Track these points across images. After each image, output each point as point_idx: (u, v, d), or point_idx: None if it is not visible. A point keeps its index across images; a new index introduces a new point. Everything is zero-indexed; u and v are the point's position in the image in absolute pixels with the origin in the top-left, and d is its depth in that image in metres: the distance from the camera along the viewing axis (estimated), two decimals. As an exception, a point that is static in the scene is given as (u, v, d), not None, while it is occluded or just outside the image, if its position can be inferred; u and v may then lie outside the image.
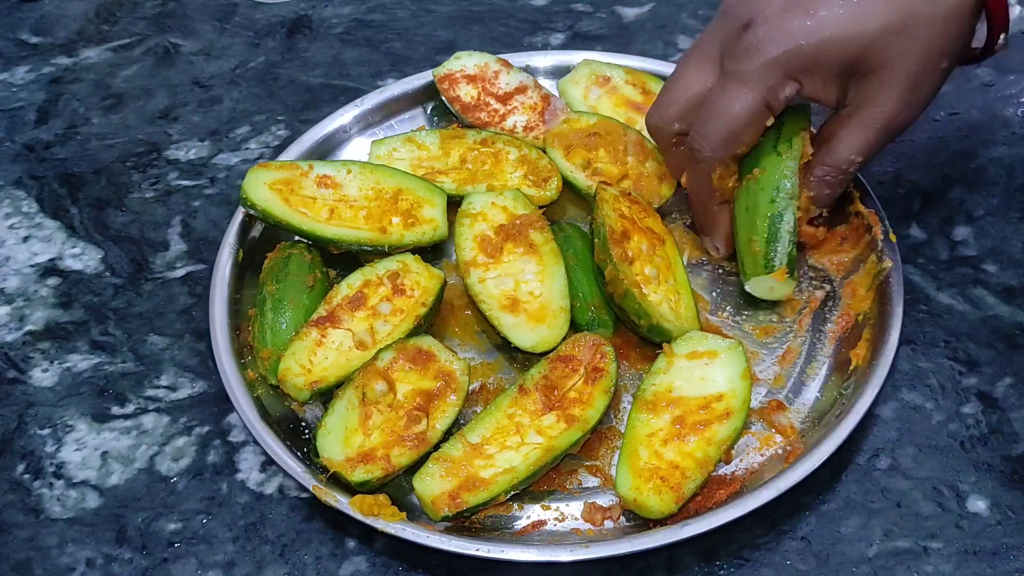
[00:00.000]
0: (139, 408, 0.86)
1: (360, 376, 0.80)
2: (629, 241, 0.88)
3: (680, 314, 0.85)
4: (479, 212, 0.91)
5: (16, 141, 1.11)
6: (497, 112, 1.02)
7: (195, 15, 1.27)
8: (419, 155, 0.98)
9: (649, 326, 0.83)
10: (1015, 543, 0.75)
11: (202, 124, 1.12)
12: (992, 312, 0.90)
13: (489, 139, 0.99)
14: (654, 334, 0.83)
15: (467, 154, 0.98)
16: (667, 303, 0.85)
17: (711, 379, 0.80)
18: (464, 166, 0.98)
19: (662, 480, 0.74)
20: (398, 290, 0.86)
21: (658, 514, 0.73)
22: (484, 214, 0.91)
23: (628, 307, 0.83)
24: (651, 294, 0.85)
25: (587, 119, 0.99)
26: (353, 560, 0.76)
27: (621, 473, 0.75)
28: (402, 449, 0.77)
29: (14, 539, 0.78)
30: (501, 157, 0.98)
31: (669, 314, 0.84)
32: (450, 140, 0.99)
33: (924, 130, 1.06)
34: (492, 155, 0.98)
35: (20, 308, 0.94)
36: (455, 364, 0.82)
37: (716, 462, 0.76)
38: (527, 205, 0.92)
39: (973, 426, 0.82)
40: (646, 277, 0.86)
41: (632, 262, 0.86)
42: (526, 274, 0.88)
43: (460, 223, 0.91)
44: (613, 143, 0.97)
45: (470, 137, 0.99)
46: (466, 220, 0.91)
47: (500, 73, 1.04)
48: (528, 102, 1.03)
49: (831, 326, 0.87)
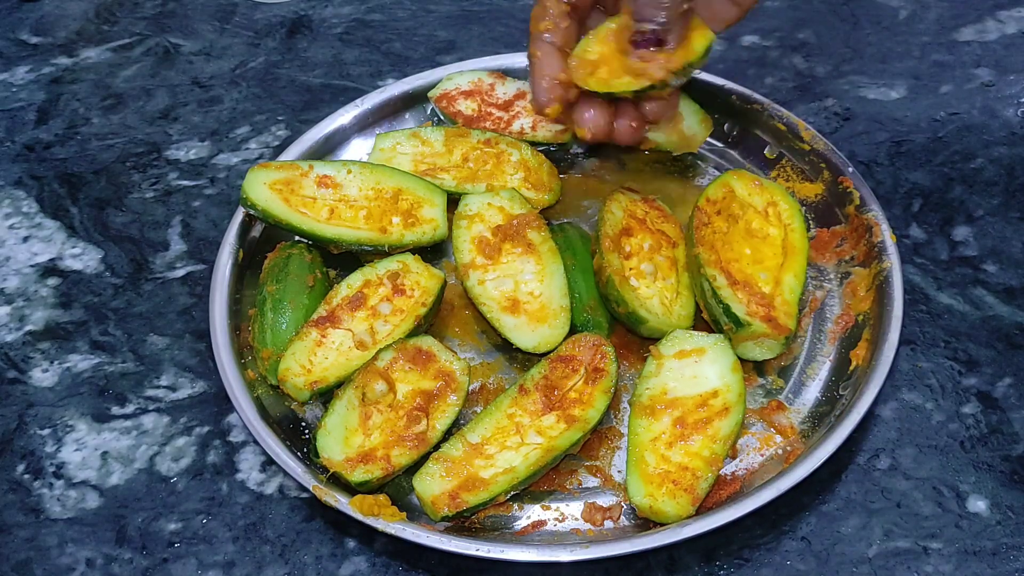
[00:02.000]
0: (139, 408, 0.86)
1: (360, 376, 0.80)
2: (630, 237, 0.89)
3: (672, 311, 0.86)
4: (476, 213, 0.91)
5: (16, 141, 1.11)
6: (502, 119, 1.02)
7: (195, 15, 1.27)
8: (422, 151, 0.99)
9: (626, 313, 0.84)
10: (1015, 543, 0.75)
11: (202, 124, 1.12)
12: (992, 312, 0.90)
13: (493, 140, 0.99)
14: (632, 322, 0.84)
15: (470, 153, 0.98)
16: (659, 299, 0.86)
17: (703, 376, 0.80)
18: (466, 164, 0.98)
19: (674, 484, 0.74)
20: (398, 290, 0.86)
21: (676, 518, 0.73)
22: (481, 215, 0.91)
23: (610, 294, 0.84)
24: (641, 287, 0.86)
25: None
26: (353, 560, 0.76)
27: (632, 482, 0.75)
28: (402, 449, 0.77)
29: (14, 539, 0.78)
30: (503, 158, 0.98)
31: (656, 308, 0.85)
32: (454, 138, 0.99)
33: (924, 130, 1.06)
34: (494, 155, 0.98)
35: (20, 308, 0.94)
36: (455, 364, 0.82)
37: (724, 458, 0.76)
38: (524, 204, 0.92)
39: (973, 426, 0.82)
40: (640, 272, 0.87)
41: (628, 256, 0.87)
42: (525, 274, 0.88)
43: (457, 225, 0.91)
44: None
45: (474, 136, 0.99)
46: (463, 222, 0.91)
47: (496, 84, 1.04)
48: (531, 105, 1.03)
49: (831, 326, 0.87)
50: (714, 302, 0.82)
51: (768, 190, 0.90)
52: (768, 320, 0.81)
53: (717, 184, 0.90)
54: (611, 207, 0.89)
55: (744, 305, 0.82)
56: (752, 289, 0.83)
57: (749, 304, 0.82)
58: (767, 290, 0.84)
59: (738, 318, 0.81)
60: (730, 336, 0.82)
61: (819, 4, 1.23)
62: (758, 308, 0.82)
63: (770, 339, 0.82)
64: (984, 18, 1.19)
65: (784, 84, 1.12)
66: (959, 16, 1.20)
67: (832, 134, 1.05)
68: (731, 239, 0.87)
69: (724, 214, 0.89)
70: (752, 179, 0.91)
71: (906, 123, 1.07)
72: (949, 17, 1.20)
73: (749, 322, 0.80)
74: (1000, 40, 1.16)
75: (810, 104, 1.09)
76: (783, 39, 1.18)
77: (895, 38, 1.17)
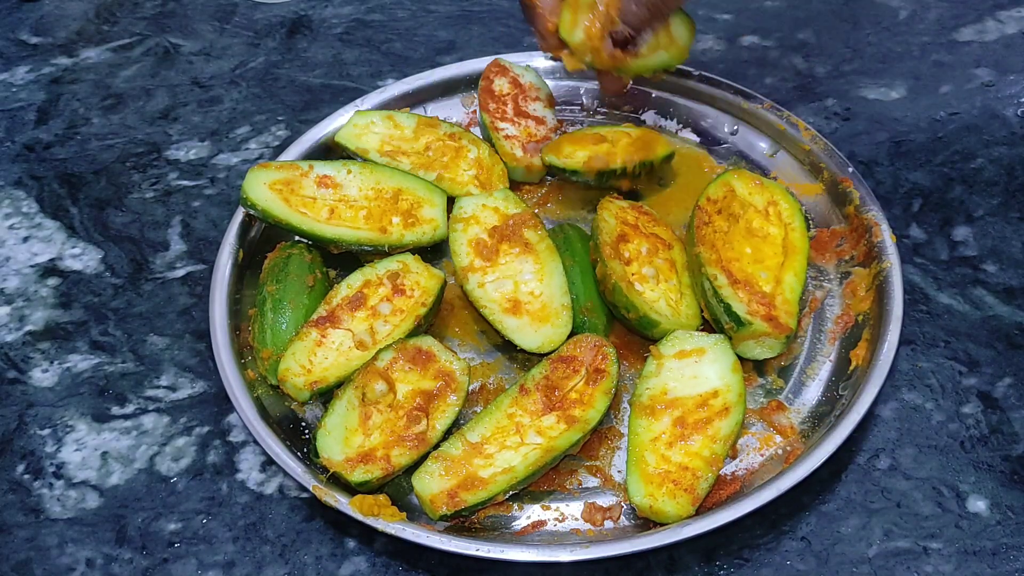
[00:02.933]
0: (139, 408, 0.86)
1: (360, 376, 0.80)
2: (627, 243, 0.89)
3: (679, 311, 0.86)
4: (471, 216, 0.91)
5: (16, 141, 1.11)
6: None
7: (195, 15, 1.27)
8: (392, 133, 1.00)
9: (637, 318, 0.83)
10: (1015, 543, 0.75)
11: (202, 124, 1.12)
12: (992, 312, 0.90)
13: (458, 134, 1.00)
14: (644, 326, 0.84)
15: (433, 143, 1.00)
16: (665, 300, 0.86)
17: (703, 376, 0.80)
18: (426, 152, 0.99)
19: (674, 484, 0.74)
20: (398, 290, 0.86)
21: (676, 518, 0.73)
22: (476, 217, 0.91)
23: (618, 301, 0.84)
24: (646, 291, 0.86)
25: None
26: (353, 560, 0.76)
27: (632, 482, 0.75)
28: (402, 449, 0.77)
29: (14, 539, 0.78)
30: (461, 153, 0.99)
31: (664, 310, 0.85)
32: (424, 127, 1.01)
33: (924, 130, 1.06)
34: (454, 149, 0.99)
35: (20, 308, 0.94)
36: (455, 364, 0.82)
37: (724, 458, 0.76)
38: (518, 203, 0.92)
39: (973, 426, 0.82)
40: (642, 276, 0.87)
41: (629, 262, 0.87)
42: (524, 274, 0.88)
43: (453, 228, 0.91)
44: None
45: (442, 128, 1.01)
46: (459, 225, 0.91)
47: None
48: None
49: (831, 326, 0.87)
50: (715, 301, 0.82)
51: (768, 189, 0.90)
52: (769, 319, 0.81)
53: (718, 183, 0.90)
54: (603, 215, 0.90)
55: (745, 304, 0.82)
56: (753, 288, 0.83)
57: (750, 303, 0.82)
58: (768, 289, 0.84)
59: (739, 317, 0.81)
60: (731, 335, 0.82)
61: (819, 4, 1.23)
62: (759, 307, 0.82)
63: (771, 338, 0.82)
64: (984, 18, 1.19)
65: (784, 84, 1.12)
66: (959, 16, 1.20)
67: (832, 134, 1.05)
68: (732, 238, 0.87)
69: (725, 213, 0.89)
70: (752, 178, 0.91)
71: (906, 123, 1.07)
72: (949, 17, 1.20)
73: (750, 321, 0.80)
74: (1000, 40, 1.16)
75: (810, 104, 1.10)
76: (783, 39, 1.18)
77: (895, 38, 1.17)
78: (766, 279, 0.85)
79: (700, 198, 0.89)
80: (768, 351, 0.83)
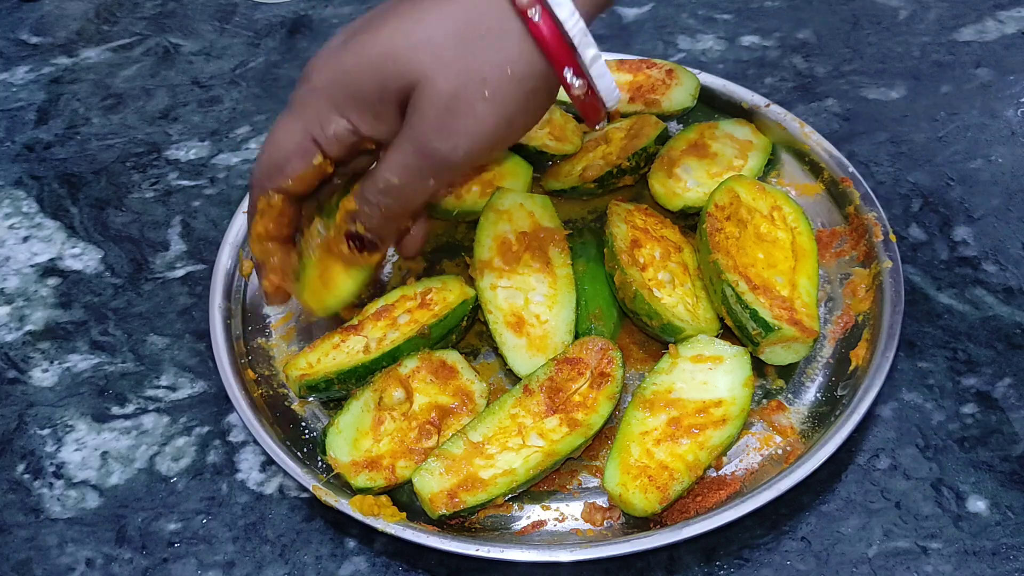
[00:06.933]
0: (139, 408, 0.86)
1: (381, 379, 0.80)
2: (641, 249, 0.88)
3: (698, 315, 0.85)
4: (506, 210, 0.90)
5: (16, 141, 1.11)
6: None
7: (195, 15, 1.27)
8: None
9: (661, 325, 0.83)
10: (1015, 543, 0.75)
11: (202, 124, 1.12)
12: (992, 312, 0.90)
13: None
14: (667, 333, 0.83)
15: None
16: (683, 305, 0.85)
17: (713, 384, 0.80)
18: None
19: (649, 479, 0.74)
20: (423, 304, 0.86)
21: (641, 512, 0.73)
22: (510, 214, 0.90)
23: (639, 309, 0.83)
24: (664, 297, 0.85)
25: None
26: (353, 560, 0.76)
27: (610, 468, 0.75)
28: (408, 461, 0.77)
29: (14, 539, 0.78)
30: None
31: (684, 315, 0.84)
32: None
33: (924, 130, 1.06)
34: None
35: (20, 308, 0.94)
36: (476, 385, 0.81)
37: (706, 467, 0.76)
38: (553, 218, 0.91)
39: (973, 426, 0.82)
40: (659, 282, 0.86)
41: (645, 268, 0.87)
42: (537, 295, 0.86)
43: (485, 216, 0.90)
44: None
45: None
46: (491, 215, 0.90)
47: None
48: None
49: (831, 326, 0.87)
50: (739, 308, 0.82)
51: (770, 194, 0.90)
52: (795, 323, 0.80)
53: (723, 189, 0.90)
54: (613, 220, 0.89)
55: (769, 309, 0.81)
56: (772, 293, 0.83)
57: (773, 308, 0.81)
58: (785, 294, 0.83)
59: (767, 322, 0.80)
60: (758, 341, 0.81)
61: (819, 4, 1.23)
62: (782, 312, 0.81)
63: (798, 342, 0.81)
64: (984, 18, 1.19)
65: (784, 84, 1.12)
66: (959, 16, 1.20)
67: (832, 134, 1.05)
68: (744, 244, 0.87)
69: (734, 219, 0.88)
70: (754, 183, 0.91)
71: (906, 123, 1.07)
72: (949, 17, 1.20)
73: (779, 326, 0.80)
74: (1000, 40, 1.16)
75: (810, 104, 1.10)
76: (783, 39, 1.18)
77: (895, 38, 1.17)
78: (782, 284, 0.84)
79: (707, 204, 0.88)
80: (794, 355, 0.83)
